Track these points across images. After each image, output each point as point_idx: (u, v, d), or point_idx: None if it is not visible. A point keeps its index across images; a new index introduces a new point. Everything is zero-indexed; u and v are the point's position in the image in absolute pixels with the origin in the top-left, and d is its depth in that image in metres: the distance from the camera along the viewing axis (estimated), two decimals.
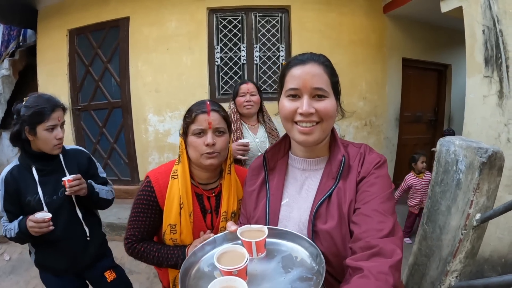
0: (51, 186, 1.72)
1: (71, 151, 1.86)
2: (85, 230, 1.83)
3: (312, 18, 4.48)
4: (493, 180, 1.36)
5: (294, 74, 0.99)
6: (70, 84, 4.87)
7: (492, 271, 2.42)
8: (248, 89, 2.39)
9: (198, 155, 1.30)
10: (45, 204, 1.69)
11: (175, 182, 1.34)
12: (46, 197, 1.70)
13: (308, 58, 1.00)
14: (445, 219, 1.48)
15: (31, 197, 1.68)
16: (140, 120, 4.63)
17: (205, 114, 1.29)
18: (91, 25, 4.66)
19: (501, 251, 2.38)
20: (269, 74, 4.59)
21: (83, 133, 4.96)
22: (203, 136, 1.29)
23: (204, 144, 1.28)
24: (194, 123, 1.30)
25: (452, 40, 5.36)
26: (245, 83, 2.42)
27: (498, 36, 2.48)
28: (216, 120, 1.31)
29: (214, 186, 1.43)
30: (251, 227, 0.97)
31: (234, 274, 0.80)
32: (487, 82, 2.62)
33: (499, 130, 2.51)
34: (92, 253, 1.86)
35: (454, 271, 1.41)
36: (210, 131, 1.29)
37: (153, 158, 4.67)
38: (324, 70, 0.99)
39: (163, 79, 4.52)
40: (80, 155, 1.89)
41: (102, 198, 1.86)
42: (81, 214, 1.81)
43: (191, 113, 1.31)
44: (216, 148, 1.29)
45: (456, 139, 1.50)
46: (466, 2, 2.81)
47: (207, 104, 1.32)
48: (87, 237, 1.83)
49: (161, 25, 4.44)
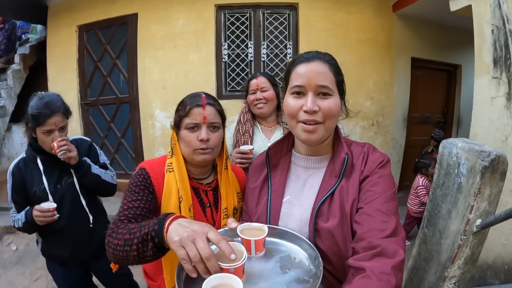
0: (55, 176, 1.82)
1: (73, 141, 1.86)
2: (89, 217, 1.88)
3: (320, 16, 4.45)
4: (496, 185, 1.32)
5: (299, 72, 1.00)
6: (79, 79, 4.93)
7: (495, 278, 2.37)
8: (257, 85, 2.00)
9: (190, 150, 1.23)
10: (50, 193, 1.78)
11: (171, 175, 1.25)
12: (51, 186, 1.79)
13: (314, 56, 1.01)
14: (445, 223, 1.45)
15: (37, 187, 1.77)
16: (148, 116, 4.67)
17: (200, 107, 1.22)
18: (100, 21, 4.70)
19: (505, 257, 2.33)
20: (276, 71, 4.57)
21: (91, 127, 5.02)
22: (197, 130, 1.23)
23: (197, 139, 1.21)
24: (187, 117, 1.22)
25: (462, 40, 5.27)
26: (255, 78, 2.03)
27: (508, 36, 2.42)
28: (212, 115, 1.24)
29: (209, 180, 1.37)
30: (251, 225, 0.96)
31: (231, 272, 0.79)
32: (495, 84, 2.56)
33: (506, 132, 2.45)
34: (97, 241, 1.89)
35: (453, 277, 1.38)
36: (204, 126, 1.22)
37: (160, 154, 4.66)
38: (329, 69, 1.00)
39: (170, 76, 4.54)
40: (81, 144, 1.95)
41: (104, 181, 1.90)
42: (85, 201, 1.87)
43: (185, 105, 1.23)
44: (210, 144, 1.23)
45: (459, 141, 1.45)
46: (475, 1, 2.75)
47: (202, 97, 1.25)
48: (90, 224, 1.89)
49: (168, 22, 4.46)
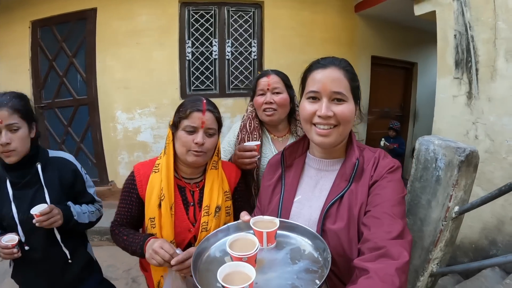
0: (26, 201, 1.47)
1: (53, 159, 1.58)
2: (65, 253, 1.58)
3: (285, 15, 4.50)
4: (470, 176, 1.49)
5: (315, 78, 1.03)
6: (33, 80, 4.54)
7: (464, 256, 2.60)
8: (269, 84, 1.65)
9: (184, 150, 1.32)
10: (19, 223, 1.46)
11: (156, 176, 1.37)
12: (21, 214, 1.46)
13: (330, 62, 1.04)
14: (425, 212, 1.59)
15: (6, 213, 1.46)
16: (108, 118, 4.45)
17: (200, 112, 1.30)
18: (56, 16, 4.34)
19: (472, 237, 2.56)
20: (241, 69, 4.55)
21: (47, 133, 4.66)
22: (193, 133, 1.31)
23: (193, 142, 1.29)
24: (187, 119, 1.30)
25: (419, 40, 5.59)
26: (266, 76, 1.68)
27: (470, 41, 2.63)
28: (210, 120, 1.32)
29: (198, 180, 1.45)
30: (263, 218, 1.00)
31: (244, 261, 0.83)
32: (457, 83, 2.78)
33: (468, 127, 2.68)
34: (74, 276, 1.64)
35: (435, 258, 1.55)
36: (201, 130, 1.31)
37: (123, 158, 4.52)
38: (345, 75, 1.02)
39: (133, 75, 4.36)
40: (64, 167, 1.60)
41: (82, 223, 1.61)
42: (59, 236, 1.55)
43: (186, 108, 1.31)
44: (203, 147, 1.31)
45: (435, 138, 1.61)
46: (439, 7, 2.94)
47: (203, 102, 1.33)
48: (68, 259, 1.60)
49: (131, 18, 4.27)
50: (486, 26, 2.48)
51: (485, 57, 2.52)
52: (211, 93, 4.58)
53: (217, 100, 4.47)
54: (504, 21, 2.34)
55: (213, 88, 4.61)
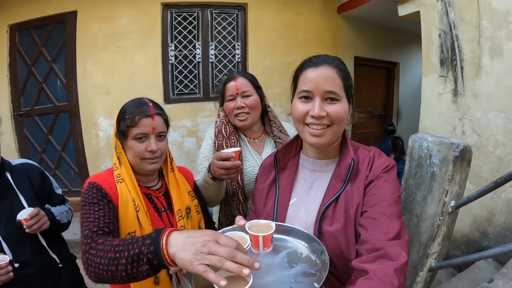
0: (4, 215, 1.42)
1: (19, 166, 1.55)
2: (54, 258, 1.55)
3: (269, 17, 4.50)
4: (464, 171, 1.52)
5: (307, 77, 1.00)
6: (11, 87, 4.37)
7: (457, 249, 2.65)
8: (237, 89, 1.62)
9: (138, 160, 1.25)
10: (3, 239, 1.39)
11: (123, 186, 1.24)
12: (2, 229, 1.40)
13: (322, 60, 1.01)
14: (421, 208, 1.60)
15: None
16: (90, 124, 4.32)
17: (149, 118, 1.22)
18: (35, 19, 4.20)
19: (463, 230, 2.61)
20: (224, 72, 4.51)
21: (27, 141, 4.51)
22: (145, 140, 1.24)
23: (146, 150, 1.23)
24: (136, 127, 1.21)
25: (400, 40, 5.72)
26: (233, 80, 1.64)
27: (454, 40, 2.70)
28: (160, 125, 1.27)
29: (158, 186, 1.39)
30: (259, 222, 0.98)
31: None
32: (442, 81, 2.86)
33: (454, 124, 2.74)
34: (67, 281, 1.60)
35: (434, 253, 1.57)
36: (153, 136, 1.24)
37: (106, 166, 4.36)
38: (338, 74, 1.00)
39: (114, 80, 4.25)
40: (30, 170, 1.58)
41: (63, 224, 1.60)
42: (45, 242, 1.52)
43: (133, 115, 1.21)
44: (158, 153, 1.26)
45: (428, 135, 1.63)
46: (423, 7, 3.02)
47: (150, 106, 1.25)
48: (58, 264, 1.56)
49: (112, 21, 4.16)
50: (470, 25, 2.54)
51: (470, 55, 2.58)
52: (195, 96, 4.52)
53: (201, 104, 4.47)
54: (488, 20, 2.40)
55: (197, 92, 4.55)
